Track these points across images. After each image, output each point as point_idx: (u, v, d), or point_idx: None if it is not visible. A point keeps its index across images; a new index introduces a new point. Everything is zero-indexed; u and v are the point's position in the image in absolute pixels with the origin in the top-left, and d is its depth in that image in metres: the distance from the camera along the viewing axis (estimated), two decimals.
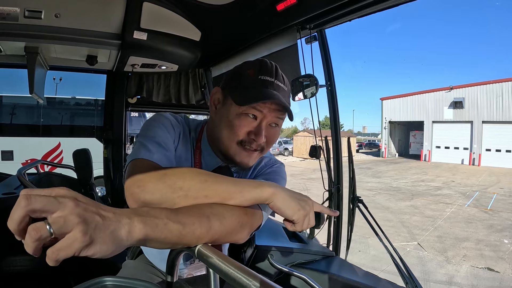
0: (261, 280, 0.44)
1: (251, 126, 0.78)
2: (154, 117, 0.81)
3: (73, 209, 0.39)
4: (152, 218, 0.49)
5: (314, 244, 1.58)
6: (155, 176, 0.60)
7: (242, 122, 0.77)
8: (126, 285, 0.66)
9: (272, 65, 0.81)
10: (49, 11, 1.36)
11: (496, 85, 20.24)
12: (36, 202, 0.37)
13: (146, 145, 0.69)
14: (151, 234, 0.48)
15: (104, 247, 0.42)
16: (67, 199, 0.40)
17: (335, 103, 1.53)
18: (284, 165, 0.96)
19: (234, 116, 0.77)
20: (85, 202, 0.42)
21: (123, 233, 0.44)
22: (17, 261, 1.53)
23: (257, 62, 0.81)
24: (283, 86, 0.80)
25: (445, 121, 22.85)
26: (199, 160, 0.86)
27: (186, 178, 0.60)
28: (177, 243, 0.54)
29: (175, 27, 1.61)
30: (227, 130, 0.79)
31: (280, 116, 0.80)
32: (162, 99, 2.44)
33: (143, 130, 0.76)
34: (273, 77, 0.78)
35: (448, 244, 5.63)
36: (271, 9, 1.27)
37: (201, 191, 0.60)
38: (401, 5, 1.17)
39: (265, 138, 0.79)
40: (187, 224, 0.54)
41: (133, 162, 0.66)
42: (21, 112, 5.78)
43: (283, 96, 0.78)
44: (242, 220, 0.64)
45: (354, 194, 1.54)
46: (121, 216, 0.45)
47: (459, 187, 12.05)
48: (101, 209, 0.44)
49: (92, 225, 0.41)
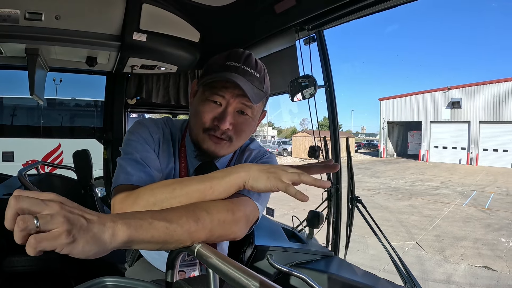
0: (260, 280, 0.44)
1: (216, 112, 0.77)
2: (132, 128, 0.82)
3: (59, 211, 0.42)
4: (136, 220, 0.51)
5: (313, 244, 1.59)
6: (130, 200, 0.63)
7: (206, 108, 0.77)
8: (126, 285, 0.67)
9: (243, 52, 0.79)
10: (50, 13, 1.36)
11: (493, 85, 20.33)
12: (24, 202, 0.40)
13: (125, 167, 0.72)
14: (135, 234, 0.49)
15: (86, 247, 0.43)
16: (53, 202, 0.42)
17: (333, 104, 1.54)
18: (275, 155, 0.95)
19: (200, 103, 0.78)
20: (71, 206, 0.44)
21: (106, 235, 0.46)
22: (18, 261, 1.53)
23: (229, 51, 0.81)
24: (252, 71, 0.77)
25: (442, 121, 22.92)
26: (184, 158, 0.86)
27: (157, 193, 0.62)
28: (167, 240, 0.54)
29: (174, 29, 1.61)
30: (195, 118, 0.79)
31: (246, 102, 0.77)
32: (161, 100, 2.44)
33: (124, 145, 0.79)
34: (240, 62, 0.76)
35: (446, 243, 5.66)
36: (270, 10, 1.28)
37: (173, 200, 0.61)
38: (399, 6, 1.19)
39: (231, 125, 0.77)
40: (173, 219, 0.55)
41: (115, 189, 0.69)
42: (21, 114, 5.78)
43: (251, 82, 0.76)
44: (231, 208, 0.64)
45: (353, 194, 1.55)
46: (105, 220, 0.47)
47: (457, 187, 12.09)
48: (86, 212, 0.46)
49: (77, 226, 0.42)
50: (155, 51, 1.76)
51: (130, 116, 2.69)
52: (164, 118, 0.90)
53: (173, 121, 0.90)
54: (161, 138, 0.84)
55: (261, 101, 0.80)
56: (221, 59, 0.79)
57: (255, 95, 0.76)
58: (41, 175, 2.32)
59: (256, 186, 0.63)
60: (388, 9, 1.19)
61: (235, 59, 0.77)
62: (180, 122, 0.92)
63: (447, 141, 22.59)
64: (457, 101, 21.71)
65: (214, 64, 0.80)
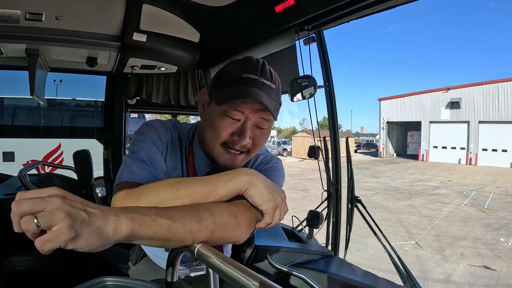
0: (260, 280, 0.44)
1: (234, 127, 0.75)
2: (141, 129, 0.81)
3: (60, 206, 0.42)
4: (139, 215, 0.51)
5: (313, 244, 1.59)
6: (133, 197, 0.63)
7: (224, 122, 0.75)
8: (126, 285, 0.67)
9: (258, 61, 0.77)
10: (50, 13, 1.37)
11: (492, 85, 20.35)
12: (24, 205, 0.41)
13: (130, 165, 0.71)
14: (138, 229, 0.50)
15: (89, 241, 0.44)
16: (54, 197, 0.43)
17: (333, 104, 1.55)
18: (281, 160, 0.94)
19: (216, 117, 0.76)
20: (73, 200, 0.44)
21: (109, 229, 0.46)
22: (19, 261, 1.53)
23: (242, 59, 0.78)
24: (269, 83, 0.75)
25: (442, 121, 22.94)
26: (192, 164, 0.85)
27: (160, 193, 0.62)
28: (169, 238, 0.54)
29: (174, 29, 1.62)
30: (210, 131, 0.77)
31: (265, 116, 0.76)
32: (161, 100, 2.45)
33: (131, 145, 0.78)
34: (257, 75, 0.74)
35: (445, 243, 5.66)
36: (270, 10, 1.28)
37: (177, 200, 0.62)
38: (398, 7, 1.19)
39: (250, 139, 0.76)
40: (176, 218, 0.55)
41: (118, 186, 0.69)
42: (22, 114, 5.77)
43: (269, 95, 0.74)
44: (234, 211, 0.64)
45: (353, 194, 1.55)
46: (108, 213, 0.47)
47: (456, 187, 12.10)
48: (89, 206, 0.46)
49: (78, 221, 0.43)
50: (155, 51, 1.77)
51: (130, 116, 2.69)
52: (173, 121, 0.88)
53: (181, 125, 0.89)
54: (169, 142, 0.83)
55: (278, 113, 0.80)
56: (236, 70, 0.76)
57: (274, 108, 0.75)
58: (41, 175, 2.33)
59: (255, 199, 0.65)
60: (388, 9, 1.20)
61: (252, 71, 0.74)
62: (187, 126, 0.90)
63: (447, 141, 22.60)
64: (456, 101, 21.73)
65: (229, 76, 0.77)
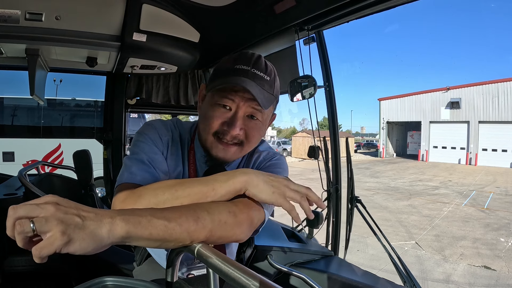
0: (260, 280, 0.44)
1: (225, 117, 0.75)
2: (142, 129, 0.82)
3: (54, 213, 0.43)
4: (135, 216, 0.51)
5: (313, 244, 1.59)
6: (132, 199, 0.63)
7: (216, 112, 0.76)
8: (126, 285, 0.67)
9: (253, 54, 0.78)
10: (50, 13, 1.37)
11: (492, 85, 20.36)
12: (21, 210, 0.43)
13: (130, 167, 0.72)
14: (133, 231, 0.50)
15: (83, 244, 0.45)
16: (49, 204, 0.44)
17: (333, 104, 1.55)
18: (284, 156, 0.94)
19: (209, 107, 0.77)
20: (66, 206, 0.46)
21: (103, 231, 0.47)
22: (19, 261, 1.53)
23: (238, 53, 0.80)
24: (261, 74, 0.75)
25: (442, 121, 22.95)
26: (193, 161, 0.85)
27: (158, 194, 0.63)
28: (166, 238, 0.54)
29: (174, 29, 1.62)
30: (203, 122, 0.78)
31: (256, 107, 0.75)
32: (161, 100, 2.45)
33: (132, 146, 0.79)
34: (250, 66, 0.75)
35: (445, 243, 5.67)
36: (270, 10, 1.28)
37: (175, 201, 0.62)
38: (398, 7, 1.19)
39: (241, 130, 0.76)
40: (172, 218, 0.55)
41: (118, 187, 0.69)
42: (22, 114, 5.78)
43: (261, 86, 0.74)
44: (233, 210, 0.63)
45: (353, 194, 1.55)
46: (102, 216, 0.48)
47: (456, 187, 12.10)
48: (83, 210, 0.47)
49: (71, 226, 0.44)
50: (155, 51, 1.77)
51: (130, 116, 2.69)
52: (174, 120, 0.89)
53: (182, 123, 0.89)
54: (170, 141, 0.83)
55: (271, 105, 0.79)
56: (230, 62, 0.77)
57: (265, 99, 0.75)
58: (41, 175, 2.32)
59: (259, 197, 0.65)
60: (388, 9, 1.20)
61: (245, 62, 0.75)
62: (189, 124, 0.91)
63: (447, 141, 22.61)
64: (456, 101, 21.74)
65: (223, 68, 0.78)
